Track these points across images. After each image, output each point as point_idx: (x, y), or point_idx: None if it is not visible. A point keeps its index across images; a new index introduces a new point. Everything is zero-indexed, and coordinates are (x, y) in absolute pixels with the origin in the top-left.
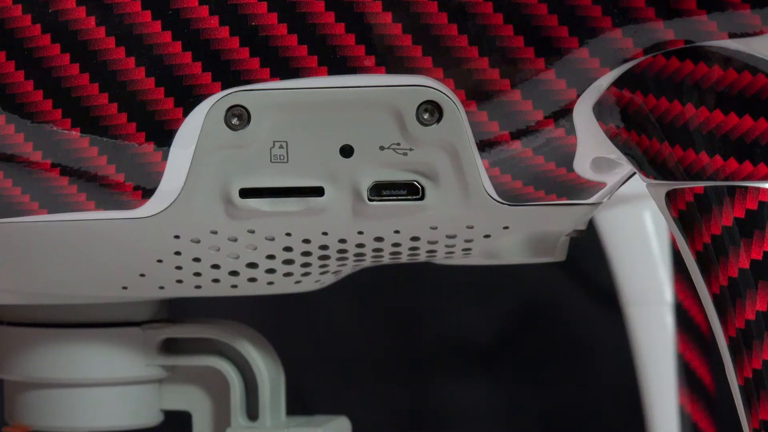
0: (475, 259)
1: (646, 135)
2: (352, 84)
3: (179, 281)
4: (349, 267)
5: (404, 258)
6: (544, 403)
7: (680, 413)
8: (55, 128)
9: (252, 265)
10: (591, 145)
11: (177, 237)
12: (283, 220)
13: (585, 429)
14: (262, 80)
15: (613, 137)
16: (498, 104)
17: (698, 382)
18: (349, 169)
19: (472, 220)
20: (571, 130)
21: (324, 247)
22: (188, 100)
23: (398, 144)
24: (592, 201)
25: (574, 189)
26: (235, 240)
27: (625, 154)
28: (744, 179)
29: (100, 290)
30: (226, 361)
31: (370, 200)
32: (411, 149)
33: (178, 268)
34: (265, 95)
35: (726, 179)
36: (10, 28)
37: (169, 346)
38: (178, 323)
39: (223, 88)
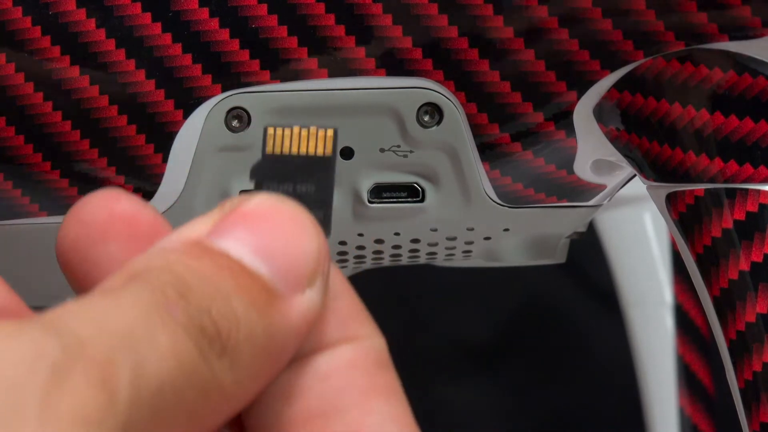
0: (475, 261)
1: (647, 137)
2: (353, 86)
3: None
4: (350, 269)
5: (404, 260)
6: (544, 403)
7: (680, 415)
8: (55, 130)
9: None
10: (591, 147)
11: None
12: None
13: (585, 429)
14: (263, 82)
15: (613, 139)
16: (498, 106)
17: (698, 384)
18: (349, 171)
19: (472, 222)
20: (572, 133)
21: None
22: (188, 102)
23: (398, 146)
24: (592, 203)
25: (575, 191)
26: None
27: (626, 156)
28: (744, 182)
29: None
30: None
31: (370, 202)
32: (411, 151)
33: None
34: (264, 97)
35: (726, 182)
36: (11, 30)
37: None
38: None
39: (224, 90)
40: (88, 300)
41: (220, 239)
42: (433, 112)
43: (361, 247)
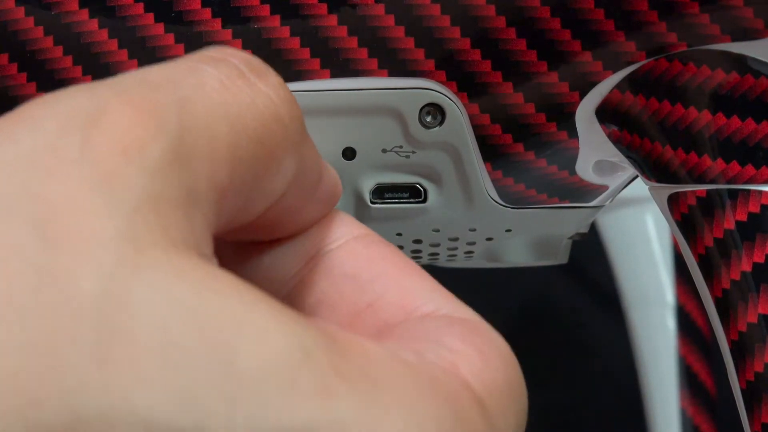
0: (477, 262)
1: (649, 138)
2: (355, 87)
3: None
4: None
5: None
6: (546, 404)
7: (681, 415)
8: None
9: None
10: (593, 148)
11: None
12: None
13: (585, 430)
14: None
15: (615, 140)
16: (500, 107)
17: (699, 385)
18: (351, 172)
19: (474, 222)
20: (574, 134)
21: None
22: None
23: (401, 147)
24: (594, 204)
25: (577, 192)
26: None
27: (628, 157)
28: (746, 183)
29: None
30: None
31: (372, 203)
32: (413, 152)
33: None
34: None
35: (728, 183)
36: (13, 30)
37: None
38: None
39: None
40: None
41: None
42: (435, 112)
43: None
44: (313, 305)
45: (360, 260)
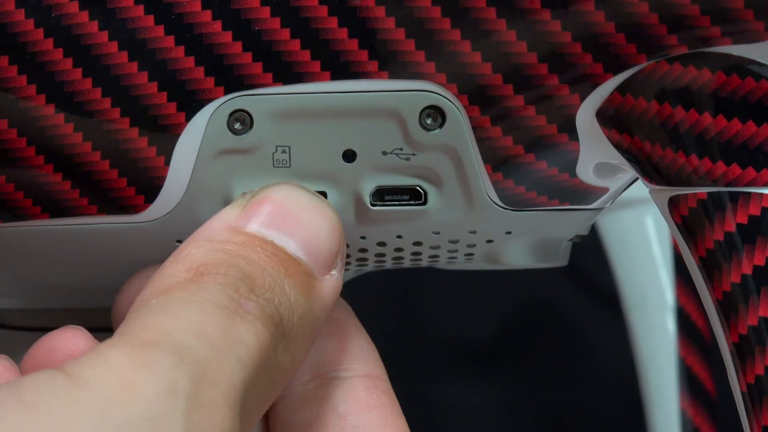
0: (477, 264)
1: (649, 140)
2: (355, 89)
3: None
4: (351, 272)
5: (407, 263)
6: (544, 404)
7: (681, 418)
8: (57, 132)
9: None
10: (594, 150)
11: (179, 242)
12: None
13: (585, 430)
14: (265, 85)
15: (615, 143)
16: (501, 109)
17: (700, 387)
18: (351, 174)
19: (474, 224)
20: (574, 136)
21: None
22: (191, 104)
23: (401, 149)
24: (594, 206)
25: (577, 194)
26: None
27: (628, 159)
28: (746, 185)
29: (102, 294)
30: None
31: (372, 205)
32: (414, 154)
33: None
34: (267, 100)
35: (729, 185)
36: (13, 32)
37: None
38: None
39: (226, 92)
40: (169, 303)
41: (263, 228)
42: (435, 115)
43: (363, 250)
44: (301, 424)
45: (355, 403)
